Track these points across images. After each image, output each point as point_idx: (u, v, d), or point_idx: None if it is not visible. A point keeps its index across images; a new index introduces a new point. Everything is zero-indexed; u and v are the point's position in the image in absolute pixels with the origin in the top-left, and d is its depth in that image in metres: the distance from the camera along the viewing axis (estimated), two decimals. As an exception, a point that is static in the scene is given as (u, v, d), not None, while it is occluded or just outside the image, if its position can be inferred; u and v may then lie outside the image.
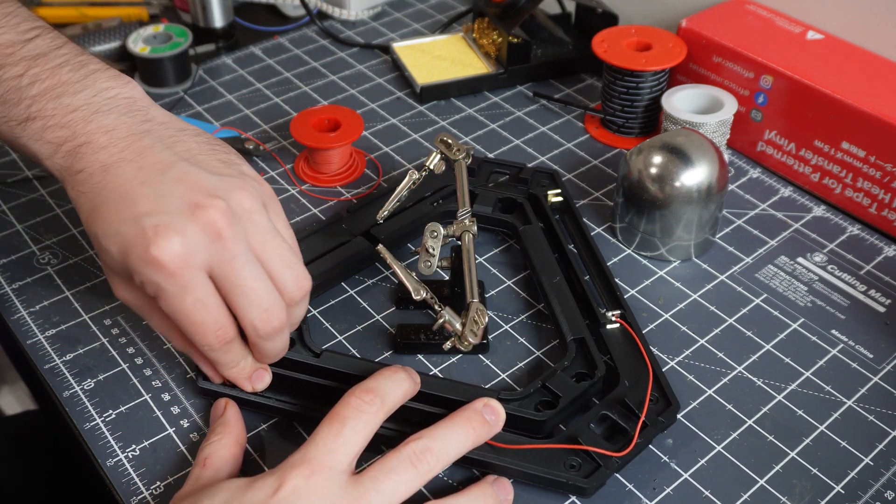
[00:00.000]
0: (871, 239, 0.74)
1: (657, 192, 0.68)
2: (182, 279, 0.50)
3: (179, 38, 0.91)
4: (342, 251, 0.68)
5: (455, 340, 0.58)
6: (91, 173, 0.52)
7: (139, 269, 0.50)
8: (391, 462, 0.49)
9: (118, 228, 0.50)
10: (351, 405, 0.50)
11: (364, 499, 0.48)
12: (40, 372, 0.63)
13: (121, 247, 0.50)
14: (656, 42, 0.82)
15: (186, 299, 0.50)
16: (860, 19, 0.79)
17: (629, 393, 0.59)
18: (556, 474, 0.55)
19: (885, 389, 0.62)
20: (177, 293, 0.50)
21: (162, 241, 0.49)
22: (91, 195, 0.52)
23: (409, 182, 0.68)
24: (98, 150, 0.52)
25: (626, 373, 0.60)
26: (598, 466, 0.55)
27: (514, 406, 0.57)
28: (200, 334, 0.52)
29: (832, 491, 0.56)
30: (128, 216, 0.50)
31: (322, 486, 0.47)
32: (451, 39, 0.97)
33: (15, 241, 0.73)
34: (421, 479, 0.49)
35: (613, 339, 0.63)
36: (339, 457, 0.49)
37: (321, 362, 0.59)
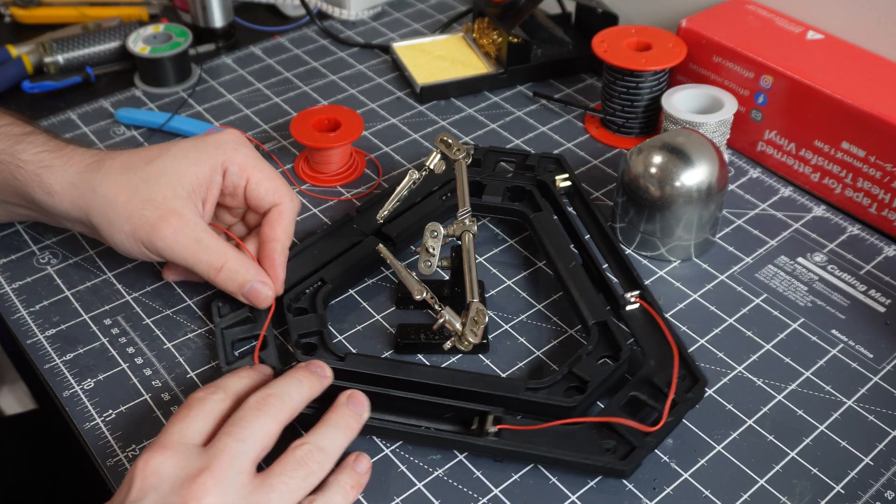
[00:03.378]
0: (871, 239, 0.74)
1: (657, 192, 0.68)
2: (250, 144, 0.66)
3: (179, 38, 0.91)
4: (356, 252, 0.68)
5: (455, 340, 0.58)
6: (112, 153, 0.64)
7: (222, 148, 0.63)
8: (283, 467, 0.51)
9: (178, 147, 0.63)
10: (249, 405, 0.52)
11: (265, 499, 0.49)
12: (40, 372, 0.63)
13: (198, 146, 0.63)
14: (656, 42, 0.82)
15: (263, 160, 0.65)
16: (860, 19, 0.79)
17: (656, 372, 0.59)
18: (594, 458, 0.55)
19: (885, 389, 0.62)
20: (257, 156, 0.65)
21: (227, 130, 0.65)
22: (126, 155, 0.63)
23: (409, 182, 0.68)
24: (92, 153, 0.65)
25: (651, 352, 0.61)
26: (634, 448, 0.55)
27: (542, 394, 0.58)
28: (286, 185, 0.65)
29: (832, 491, 0.56)
30: (175, 143, 0.64)
31: (224, 487, 0.48)
32: (451, 39, 0.97)
33: (15, 241, 0.73)
34: (311, 477, 0.52)
35: (635, 321, 0.63)
36: (240, 457, 0.49)
37: (346, 365, 0.59)
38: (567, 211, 0.72)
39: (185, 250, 0.61)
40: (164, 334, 0.65)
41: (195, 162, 0.62)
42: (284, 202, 0.65)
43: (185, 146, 0.64)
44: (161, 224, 0.60)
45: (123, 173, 0.62)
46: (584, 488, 0.56)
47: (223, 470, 0.48)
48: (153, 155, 0.63)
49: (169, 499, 0.47)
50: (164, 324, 0.66)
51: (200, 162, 0.62)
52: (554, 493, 0.56)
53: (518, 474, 0.57)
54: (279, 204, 0.65)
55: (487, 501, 0.55)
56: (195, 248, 0.61)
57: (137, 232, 0.61)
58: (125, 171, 0.62)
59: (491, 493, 0.56)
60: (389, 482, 0.56)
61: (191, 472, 0.48)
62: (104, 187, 0.61)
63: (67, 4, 1.01)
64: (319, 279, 0.66)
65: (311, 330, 0.62)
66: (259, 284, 0.62)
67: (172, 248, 0.61)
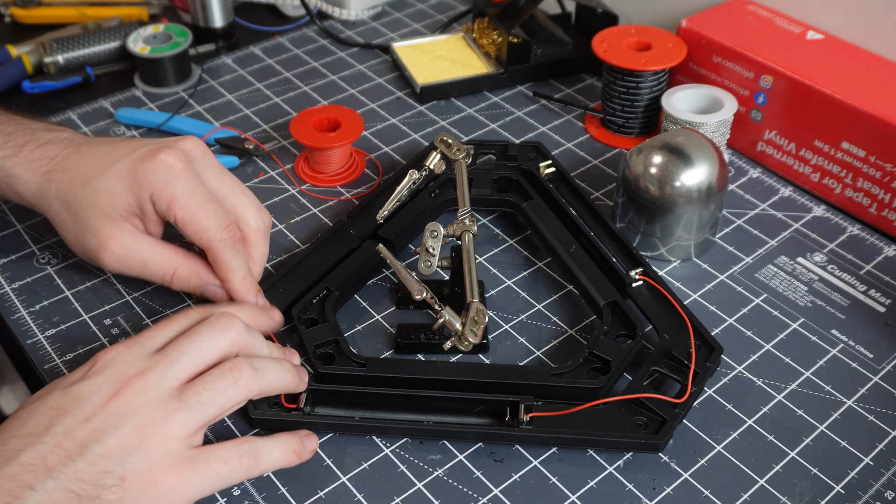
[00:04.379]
0: (871, 239, 0.74)
1: (657, 192, 0.68)
2: (190, 175, 0.60)
3: (179, 38, 0.91)
4: (357, 257, 0.68)
5: (455, 340, 0.58)
6: (66, 156, 0.63)
7: (151, 180, 0.60)
8: (207, 376, 0.53)
9: (116, 167, 0.61)
10: (227, 365, 0.53)
11: (178, 406, 0.51)
12: (40, 372, 0.63)
13: (129, 174, 0.60)
14: (656, 42, 0.82)
15: (197, 193, 0.60)
16: (860, 19, 0.79)
17: (671, 346, 0.61)
18: (628, 435, 0.56)
19: (885, 389, 0.62)
20: (189, 189, 0.60)
21: (164, 152, 0.61)
22: (73, 167, 0.62)
23: (409, 182, 0.68)
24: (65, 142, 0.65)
25: (664, 327, 0.62)
26: (665, 420, 0.57)
27: (567, 378, 0.59)
28: (216, 226, 0.60)
29: (832, 491, 0.56)
30: (119, 156, 0.62)
31: (147, 391, 0.51)
32: (451, 39, 0.97)
33: (15, 241, 0.73)
34: (231, 391, 0.53)
35: (642, 297, 0.65)
36: (176, 366, 0.52)
37: (368, 371, 0.59)
38: (556, 196, 0.72)
39: (133, 270, 0.63)
40: (164, 334, 0.65)
41: (126, 189, 0.61)
42: (213, 245, 0.60)
43: (119, 169, 0.61)
44: (102, 253, 0.62)
45: (67, 193, 0.62)
46: (584, 488, 0.56)
47: (155, 376, 0.51)
48: (93, 172, 0.62)
49: (104, 386, 0.50)
50: (164, 324, 0.66)
51: (130, 191, 0.61)
52: (554, 493, 0.56)
53: (518, 474, 0.57)
54: (209, 248, 0.61)
55: (487, 501, 0.55)
56: (141, 268, 0.63)
57: (88, 255, 0.64)
58: (69, 191, 0.62)
59: (491, 493, 0.56)
60: (389, 482, 0.56)
61: (131, 372, 0.51)
62: (55, 206, 0.63)
63: (67, 4, 1.01)
64: (325, 288, 0.65)
65: (327, 339, 0.61)
66: (213, 287, 0.63)
67: (121, 269, 0.63)
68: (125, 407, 0.50)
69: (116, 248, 0.62)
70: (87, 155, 0.63)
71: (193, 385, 0.52)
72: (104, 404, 0.50)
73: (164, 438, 0.50)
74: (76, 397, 0.50)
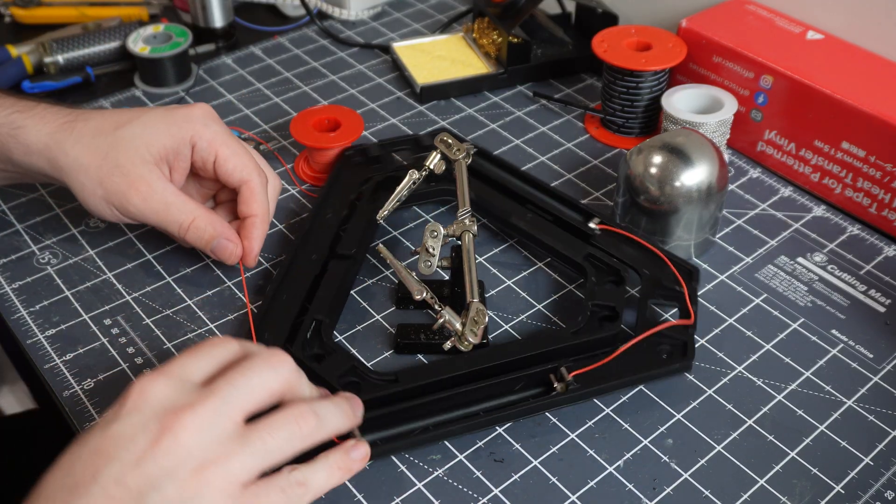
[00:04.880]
0: (871, 239, 0.74)
1: (657, 192, 0.68)
2: (221, 121, 0.67)
3: (179, 38, 0.91)
4: (330, 280, 0.65)
5: (455, 340, 0.59)
6: (85, 111, 0.66)
7: (192, 121, 0.64)
8: (271, 421, 0.49)
9: (150, 115, 0.65)
10: (292, 412, 0.49)
11: (241, 450, 0.47)
12: (40, 372, 0.63)
13: (167, 118, 0.64)
14: (656, 42, 0.82)
15: (233, 136, 0.66)
16: (860, 19, 0.79)
17: (656, 278, 0.65)
18: (661, 367, 0.60)
19: (885, 389, 0.62)
20: (226, 131, 0.65)
21: (198, 105, 0.66)
22: (97, 118, 0.65)
23: (409, 181, 0.68)
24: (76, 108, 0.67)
25: (639, 264, 0.66)
26: (685, 343, 0.61)
27: (585, 336, 0.61)
28: (255, 162, 0.66)
29: (832, 491, 0.56)
30: (148, 109, 0.66)
31: (202, 428, 0.46)
32: (451, 39, 0.97)
33: (15, 241, 0.73)
34: (296, 440, 0.49)
35: (608, 243, 0.68)
36: (230, 403, 0.47)
37: (401, 385, 0.58)
38: (488, 173, 0.73)
39: (155, 215, 0.64)
40: (164, 334, 0.65)
41: (164, 133, 0.64)
42: (253, 178, 0.66)
43: (155, 116, 0.65)
44: (130, 192, 0.63)
45: (94, 137, 0.64)
46: (584, 488, 0.56)
47: (207, 411, 0.46)
48: (124, 119, 0.65)
49: (149, 424, 0.46)
50: (164, 324, 0.66)
51: (169, 134, 0.64)
52: (554, 493, 0.56)
53: (518, 474, 0.57)
54: (248, 181, 0.66)
55: (487, 501, 0.55)
56: (164, 212, 0.64)
57: (110, 198, 0.64)
58: (96, 135, 0.64)
59: (491, 493, 0.56)
60: (389, 482, 0.56)
61: (177, 405, 0.46)
62: (76, 150, 0.64)
63: (67, 4, 1.01)
64: (313, 319, 0.62)
65: (344, 369, 0.59)
66: (224, 241, 0.65)
67: (143, 212, 0.64)
68: (178, 447, 0.45)
69: (144, 188, 0.63)
70: (110, 110, 0.67)
71: (257, 429, 0.48)
72: (153, 444, 0.45)
73: (226, 483, 0.46)
74: (119, 438, 0.46)
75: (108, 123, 0.65)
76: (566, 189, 0.78)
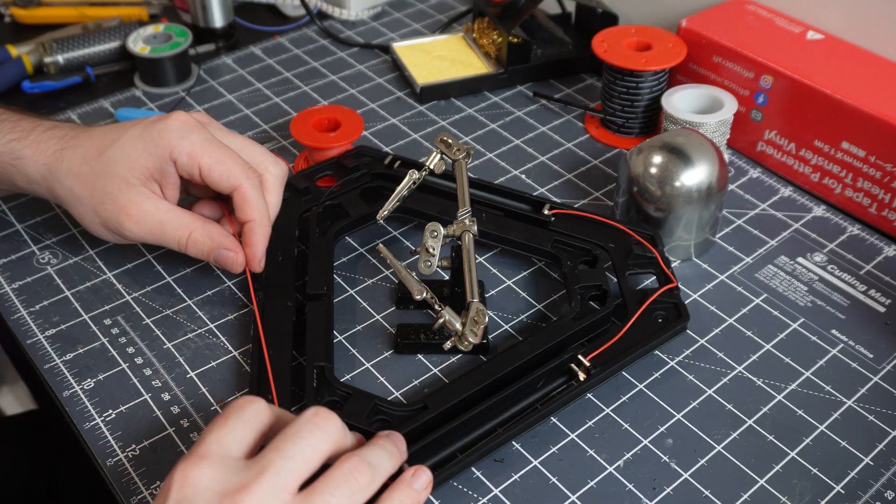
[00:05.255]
0: (871, 239, 0.74)
1: (657, 192, 0.68)
2: (203, 129, 0.64)
3: (179, 38, 0.91)
4: (314, 319, 0.63)
5: (455, 340, 0.58)
6: (75, 135, 0.65)
7: (167, 137, 0.62)
8: (328, 483, 0.47)
9: (129, 134, 0.63)
10: (346, 467, 0.48)
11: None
12: (40, 372, 0.63)
13: (144, 137, 0.63)
14: (656, 42, 0.82)
15: (214, 142, 0.63)
16: (860, 19, 0.79)
17: (624, 249, 0.67)
18: (663, 332, 0.62)
19: (885, 389, 0.62)
20: (206, 138, 0.63)
21: (174, 114, 0.64)
22: (85, 143, 0.64)
23: (409, 182, 0.68)
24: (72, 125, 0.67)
25: (602, 240, 0.68)
26: (675, 304, 0.64)
27: (588, 319, 0.63)
28: (241, 166, 0.63)
29: (832, 491, 0.56)
30: (129, 126, 0.64)
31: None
32: (451, 39, 0.97)
33: (15, 241, 0.73)
34: (358, 495, 0.47)
35: (566, 226, 0.70)
36: (285, 475, 0.45)
37: (431, 411, 0.57)
38: (430, 183, 0.72)
39: (152, 235, 0.64)
40: (164, 334, 0.65)
41: (142, 152, 0.63)
42: (242, 183, 0.63)
43: (133, 135, 0.64)
44: (123, 218, 0.63)
45: (82, 166, 0.64)
46: (584, 488, 0.56)
47: (264, 489, 0.44)
48: (106, 143, 0.64)
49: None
50: (164, 324, 0.66)
51: (147, 153, 0.63)
52: (554, 493, 0.56)
53: (518, 474, 0.57)
54: (237, 187, 0.63)
55: (487, 501, 0.55)
56: (160, 231, 0.64)
57: (107, 224, 0.64)
58: (83, 163, 0.64)
59: (491, 493, 0.56)
60: (389, 482, 0.56)
61: (229, 488, 0.44)
62: (69, 181, 0.64)
63: (67, 4, 1.01)
64: (314, 367, 0.59)
65: (369, 408, 0.57)
66: (224, 252, 0.64)
67: (140, 235, 0.64)
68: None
69: (135, 211, 0.63)
70: (97, 131, 0.65)
71: (317, 493, 0.46)
72: None
73: None
74: None
75: (93, 150, 0.64)
76: (566, 189, 0.78)
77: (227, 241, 0.64)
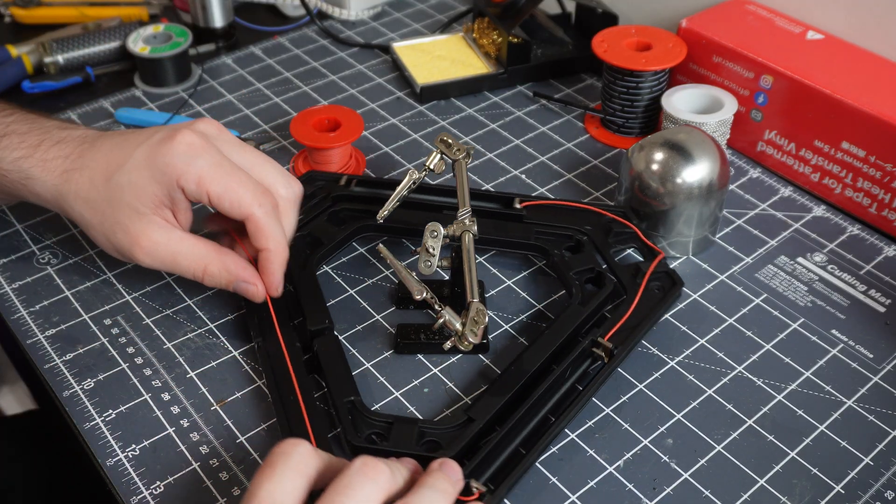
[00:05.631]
0: (871, 239, 0.74)
1: (659, 188, 0.68)
2: (212, 150, 0.60)
3: (179, 38, 0.91)
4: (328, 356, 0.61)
5: (455, 340, 0.58)
6: (81, 153, 0.62)
7: (173, 164, 0.58)
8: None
9: (135, 158, 0.60)
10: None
11: None
12: (40, 372, 0.63)
13: (151, 163, 0.59)
14: (656, 42, 0.82)
15: (224, 164, 0.59)
16: (860, 19, 0.79)
17: (603, 229, 0.69)
18: (665, 302, 0.64)
19: (885, 389, 0.62)
20: (214, 162, 0.59)
21: (180, 133, 0.59)
22: (90, 164, 0.61)
23: (409, 182, 0.68)
24: (79, 139, 0.64)
25: (578, 224, 0.70)
26: (667, 272, 0.66)
27: (594, 302, 0.64)
28: (251, 194, 0.59)
29: (832, 491, 0.56)
30: (135, 145, 0.60)
31: None
32: (451, 39, 0.97)
33: (15, 241, 0.73)
34: None
35: (540, 217, 0.70)
36: None
37: (479, 419, 0.56)
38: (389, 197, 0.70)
39: (165, 266, 0.62)
40: (164, 334, 0.65)
41: (149, 180, 0.59)
42: (253, 212, 0.59)
43: (140, 159, 0.60)
44: (134, 249, 0.61)
45: (90, 191, 0.61)
46: (584, 488, 0.56)
47: None
48: (113, 166, 0.61)
49: None
50: (164, 324, 0.66)
51: (154, 180, 0.59)
52: (554, 493, 0.56)
53: (518, 474, 0.57)
54: (249, 216, 0.60)
55: (487, 501, 0.55)
56: (173, 263, 0.61)
57: (121, 252, 0.62)
58: (91, 188, 0.61)
59: (491, 493, 0.56)
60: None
61: None
62: (79, 206, 0.62)
63: (67, 4, 1.01)
64: (344, 402, 0.58)
65: (416, 434, 0.56)
66: (243, 284, 0.62)
67: (153, 266, 0.62)
68: None
69: (147, 243, 0.60)
70: (103, 148, 0.62)
71: None
72: None
73: None
74: None
75: (100, 173, 0.61)
76: (566, 189, 0.78)
77: (244, 272, 0.62)
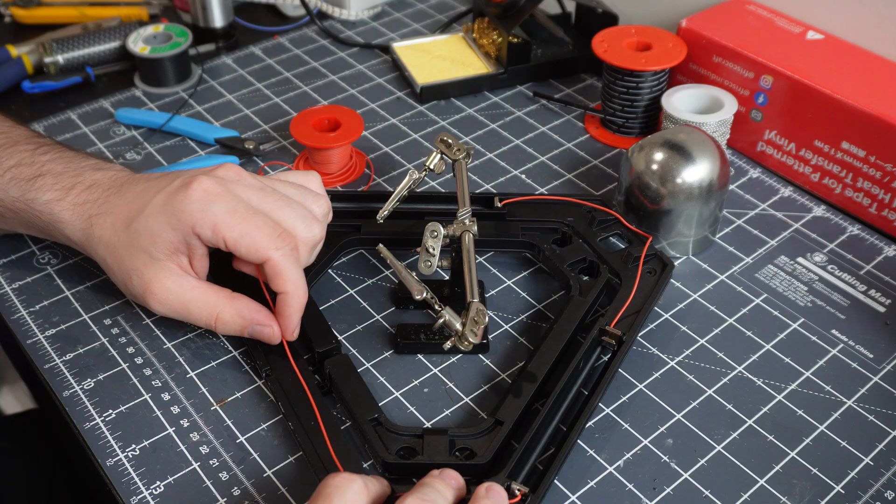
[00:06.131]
0: (871, 239, 0.74)
1: (659, 188, 0.68)
2: (228, 195, 0.59)
3: (179, 38, 0.91)
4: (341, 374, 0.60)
5: (455, 340, 0.58)
6: (106, 198, 0.62)
7: (188, 211, 0.58)
8: None
9: (152, 205, 0.59)
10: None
11: None
12: (40, 372, 0.63)
13: (167, 210, 0.58)
14: (656, 42, 0.82)
15: (239, 209, 0.59)
16: (860, 19, 0.79)
17: (588, 219, 0.71)
18: (661, 282, 0.66)
19: (885, 389, 0.62)
20: (229, 208, 0.58)
21: (196, 181, 0.59)
22: (114, 210, 0.62)
23: (410, 182, 0.68)
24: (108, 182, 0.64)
25: (561, 216, 0.71)
26: (656, 255, 0.68)
27: (593, 291, 0.65)
28: (268, 237, 0.58)
29: (832, 491, 0.56)
30: (154, 193, 0.60)
31: None
32: (451, 39, 0.97)
33: (15, 241, 0.73)
34: None
35: (523, 213, 0.71)
36: None
37: (508, 422, 0.57)
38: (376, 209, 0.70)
39: (178, 315, 0.61)
40: (164, 334, 0.65)
41: (165, 227, 0.59)
42: (270, 256, 0.58)
43: (156, 206, 0.59)
44: (147, 296, 0.60)
45: (112, 237, 0.61)
46: (584, 488, 0.56)
47: None
48: (133, 212, 0.61)
49: None
50: (164, 324, 0.66)
51: (170, 227, 0.59)
52: (554, 493, 0.56)
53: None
54: (267, 260, 0.59)
55: (487, 501, 0.55)
56: (185, 312, 0.61)
57: (135, 298, 0.62)
58: (112, 234, 0.61)
59: (491, 493, 0.56)
60: (389, 482, 0.56)
61: None
62: (101, 251, 0.62)
63: (67, 4, 1.01)
64: (369, 422, 0.57)
65: (447, 444, 0.56)
66: (258, 327, 0.60)
67: (166, 314, 0.61)
68: None
69: (159, 290, 0.60)
70: (127, 195, 0.62)
71: None
72: None
73: None
74: None
75: (121, 219, 0.61)
76: (566, 189, 0.78)
77: (258, 315, 0.60)
